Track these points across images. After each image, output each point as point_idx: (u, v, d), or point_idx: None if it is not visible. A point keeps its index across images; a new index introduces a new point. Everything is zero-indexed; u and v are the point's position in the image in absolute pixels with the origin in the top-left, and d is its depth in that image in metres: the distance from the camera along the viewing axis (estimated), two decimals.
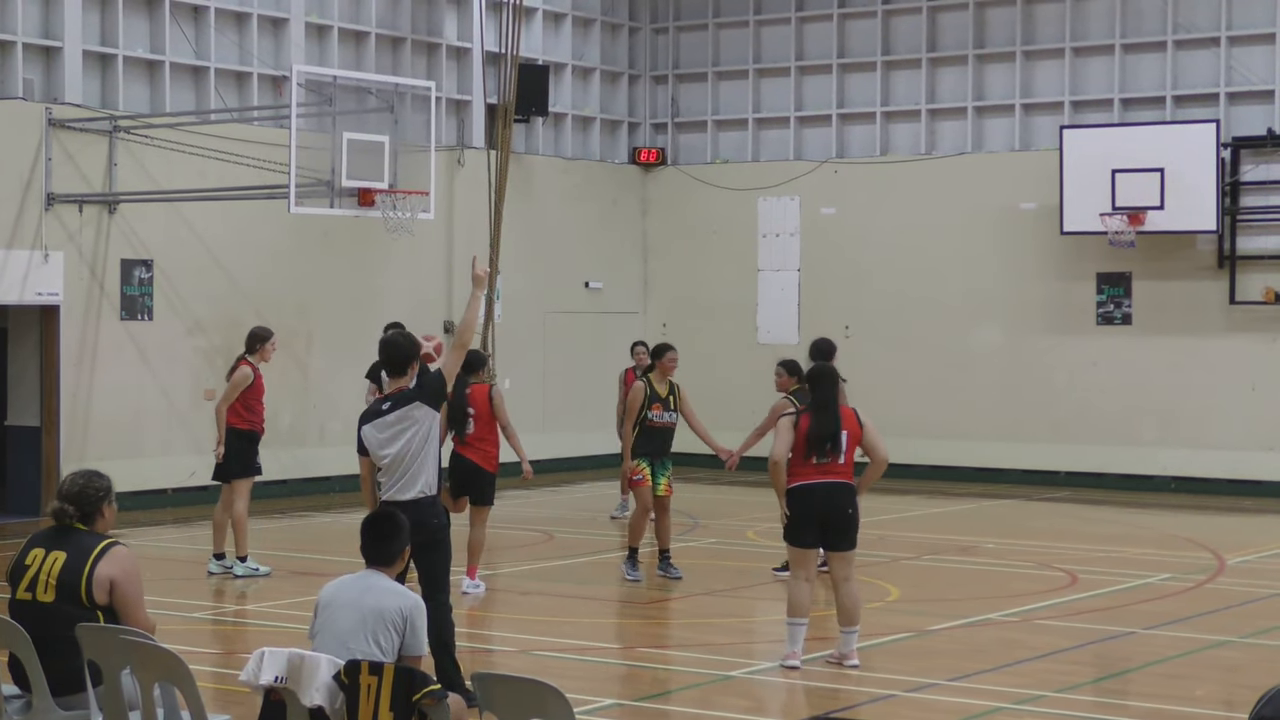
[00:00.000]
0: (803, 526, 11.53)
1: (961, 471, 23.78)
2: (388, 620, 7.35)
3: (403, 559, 7.76)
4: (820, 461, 11.42)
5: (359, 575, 7.68)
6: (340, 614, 7.38)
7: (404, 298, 22.43)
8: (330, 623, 7.39)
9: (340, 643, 7.25)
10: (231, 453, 15.29)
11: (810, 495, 11.46)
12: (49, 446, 19.39)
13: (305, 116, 19.18)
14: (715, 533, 18.56)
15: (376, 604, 7.39)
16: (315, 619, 7.50)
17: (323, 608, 7.48)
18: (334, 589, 7.57)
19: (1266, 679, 10.80)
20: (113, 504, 7.96)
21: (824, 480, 11.47)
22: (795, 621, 11.54)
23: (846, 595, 11.58)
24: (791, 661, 11.49)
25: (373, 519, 7.82)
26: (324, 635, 7.37)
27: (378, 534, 7.71)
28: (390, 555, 7.66)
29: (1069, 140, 22.70)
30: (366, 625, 7.33)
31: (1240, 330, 22.43)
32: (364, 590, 7.48)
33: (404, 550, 7.74)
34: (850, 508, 11.54)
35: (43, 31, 19.78)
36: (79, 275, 19.51)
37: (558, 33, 25.74)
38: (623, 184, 26.40)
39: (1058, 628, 13.25)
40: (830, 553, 11.68)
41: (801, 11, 25.74)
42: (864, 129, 25.35)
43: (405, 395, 10.16)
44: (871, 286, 24.61)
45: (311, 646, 7.30)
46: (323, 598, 7.53)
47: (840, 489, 11.51)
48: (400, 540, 7.71)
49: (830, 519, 11.49)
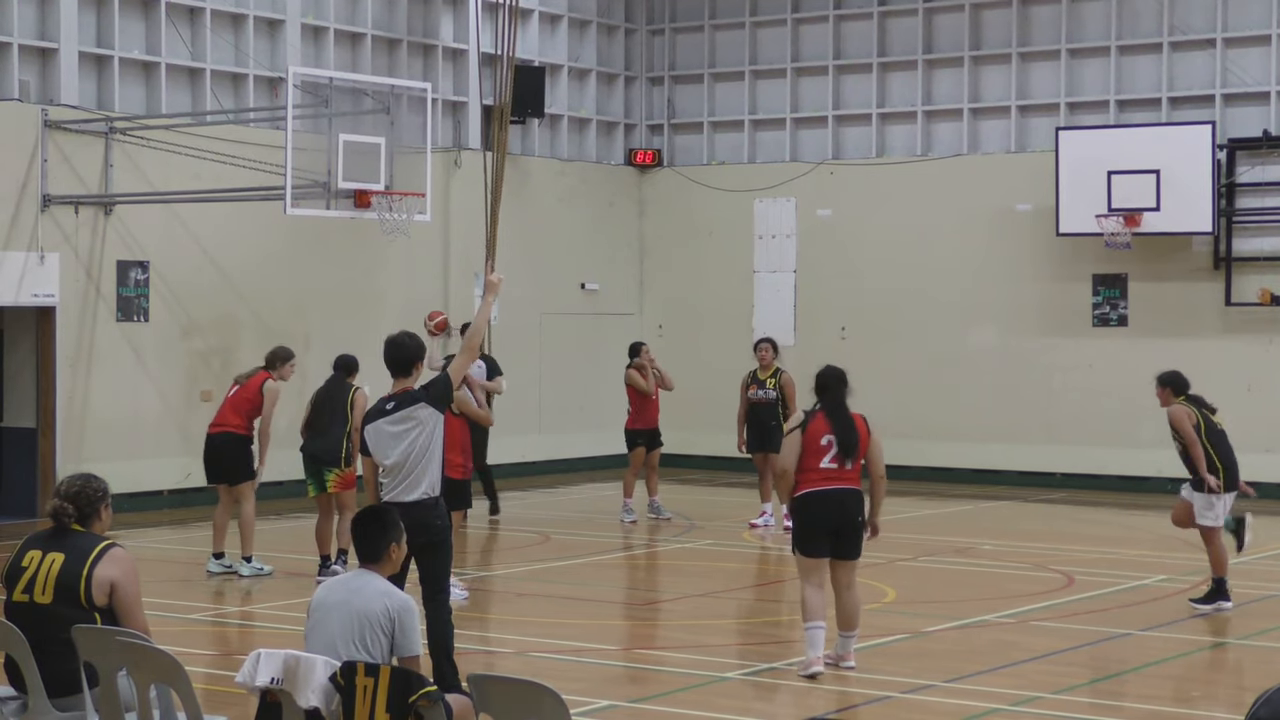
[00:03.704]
0: (814, 535, 11.29)
1: (957, 473, 23.78)
2: (374, 623, 7.30)
3: (393, 556, 7.67)
4: (825, 466, 11.21)
5: (350, 575, 7.66)
6: (329, 617, 7.35)
7: (400, 299, 22.43)
8: (320, 626, 7.36)
9: (329, 647, 7.22)
10: (237, 457, 15.39)
11: (822, 503, 11.22)
12: (45, 448, 19.38)
13: (301, 118, 19.17)
14: (711, 534, 18.56)
15: (364, 607, 7.34)
16: (308, 621, 7.49)
17: (313, 610, 7.45)
18: (325, 591, 7.55)
19: (1263, 680, 10.81)
20: (109, 507, 7.97)
21: (835, 487, 11.23)
22: (813, 625, 11.25)
23: (849, 601, 11.43)
24: (814, 668, 11.17)
25: (360, 516, 7.78)
26: (314, 639, 7.35)
27: (363, 531, 7.66)
28: (376, 552, 7.59)
29: (1065, 142, 22.71)
30: (353, 630, 7.29)
31: (1236, 332, 22.44)
32: (353, 592, 7.44)
33: (391, 547, 7.63)
34: (860, 515, 11.33)
35: (38, 33, 19.77)
36: (75, 277, 19.50)
37: (554, 34, 25.75)
38: (619, 185, 26.40)
39: (1054, 629, 13.25)
40: (834, 560, 11.41)
41: (797, 13, 25.75)
42: (860, 130, 25.35)
43: (410, 396, 10.16)
44: (867, 288, 24.61)
45: (305, 649, 7.29)
46: (314, 600, 7.51)
47: (851, 496, 11.29)
48: (387, 536, 7.61)
49: (842, 527, 11.26)
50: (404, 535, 7.77)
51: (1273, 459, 22.18)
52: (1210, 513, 14.08)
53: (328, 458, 14.94)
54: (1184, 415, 14.10)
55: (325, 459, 14.95)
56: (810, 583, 11.32)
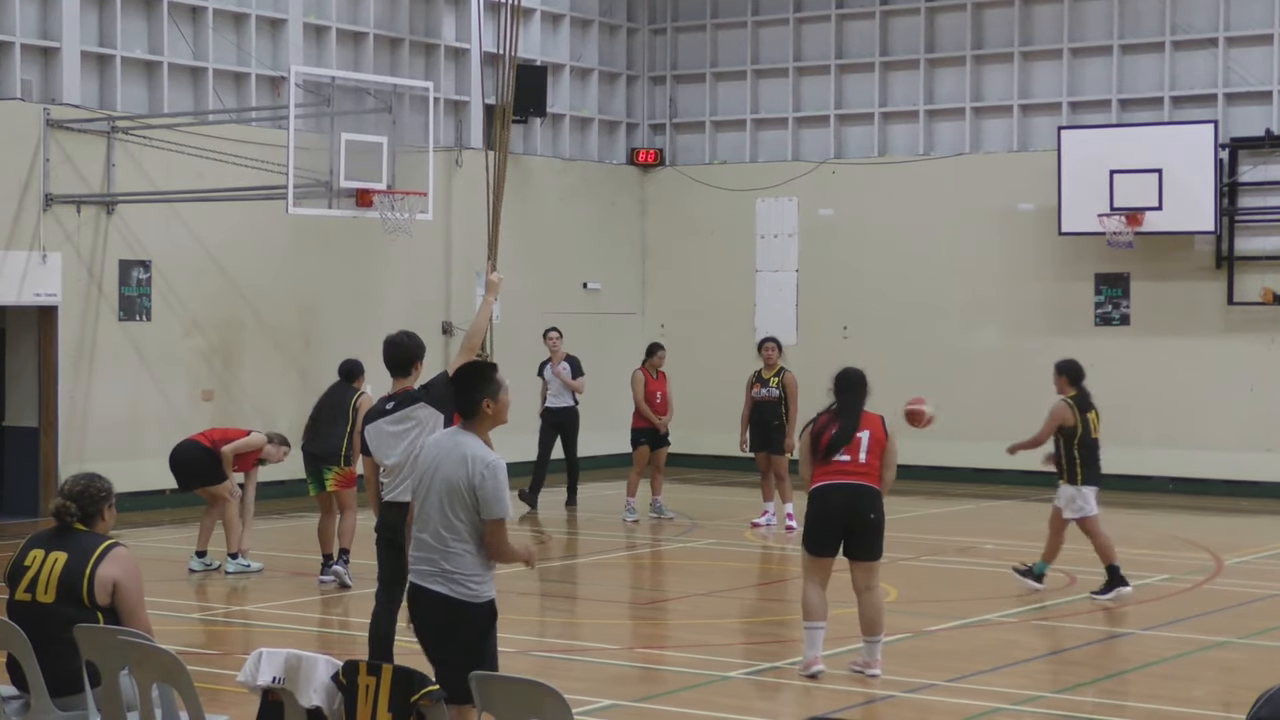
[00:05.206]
0: (819, 531, 11.10)
1: (959, 472, 23.77)
2: (457, 493, 7.73)
3: (488, 412, 7.88)
4: (838, 460, 11.04)
5: (447, 434, 8.07)
6: (429, 488, 7.79)
7: (402, 298, 22.44)
8: (424, 491, 7.83)
9: (432, 515, 7.75)
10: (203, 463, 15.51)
11: (828, 497, 11.06)
12: (47, 447, 19.39)
13: (303, 117, 19.18)
14: (713, 533, 18.56)
15: (449, 474, 7.75)
16: (417, 482, 7.92)
17: (420, 473, 7.90)
18: (425, 453, 7.98)
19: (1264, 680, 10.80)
20: (113, 507, 7.98)
21: (843, 481, 11.04)
22: (811, 625, 11.12)
23: (869, 605, 11.16)
24: (814, 668, 11.07)
25: (458, 371, 8.11)
26: (420, 505, 7.86)
27: (458, 387, 8.00)
28: (469, 407, 7.88)
29: (1067, 141, 22.70)
30: (444, 497, 7.74)
31: (1238, 331, 22.44)
32: (444, 453, 7.83)
33: (485, 402, 7.87)
34: (872, 512, 11.06)
35: (41, 32, 19.78)
36: (77, 276, 19.51)
37: (556, 33, 25.75)
38: (621, 185, 26.39)
39: (1056, 628, 13.26)
40: (852, 562, 11.22)
41: (799, 12, 25.75)
42: (862, 130, 25.35)
43: (409, 395, 10.17)
44: (869, 287, 24.60)
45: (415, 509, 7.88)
46: (421, 460, 7.97)
47: (861, 491, 11.04)
48: (479, 391, 7.87)
49: (852, 524, 11.03)
50: (500, 390, 7.97)
51: (1274, 458, 22.19)
52: (1073, 506, 14.50)
53: (328, 457, 14.96)
54: (1062, 415, 14.65)
55: (325, 458, 14.97)
56: (812, 582, 11.16)
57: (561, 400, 20.77)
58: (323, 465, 15.01)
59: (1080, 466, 14.52)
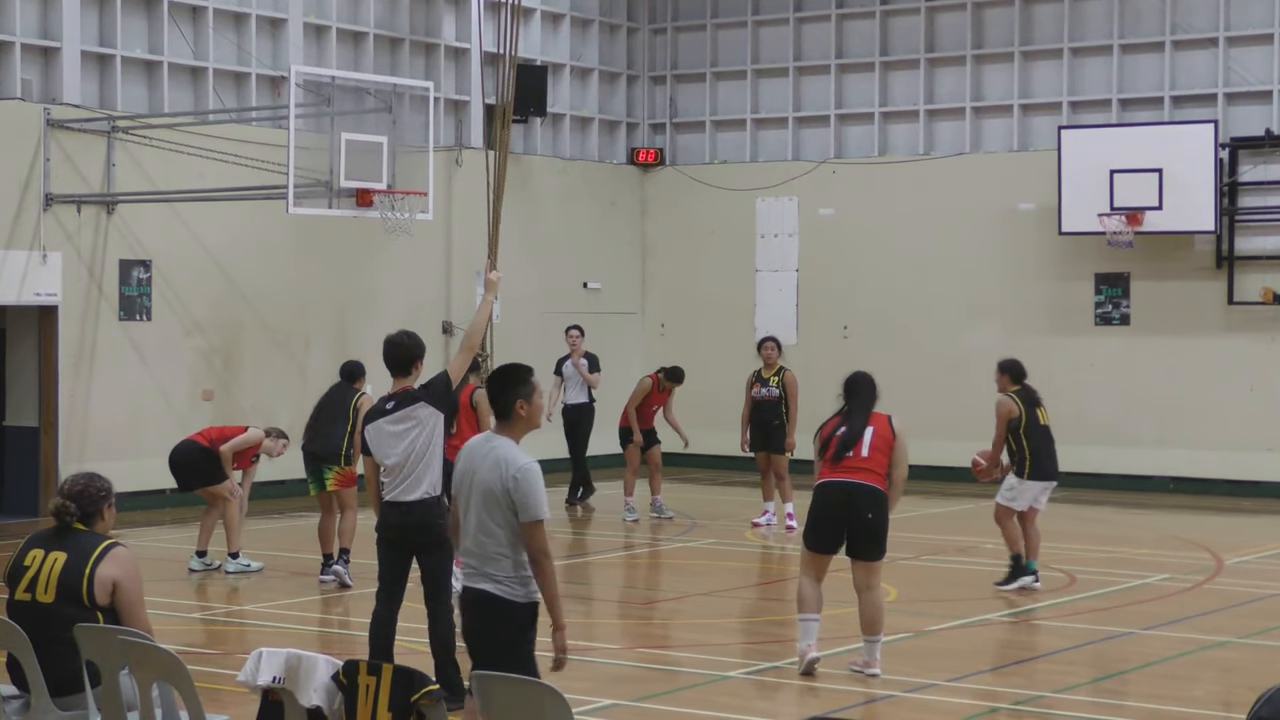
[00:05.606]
0: (818, 526, 11.16)
1: (959, 472, 23.65)
2: (494, 498, 7.72)
3: (522, 414, 7.88)
4: (840, 459, 11.09)
5: (482, 439, 8.06)
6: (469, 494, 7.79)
7: (402, 298, 22.44)
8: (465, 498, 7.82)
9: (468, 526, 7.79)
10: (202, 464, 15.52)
11: (827, 493, 11.11)
12: (47, 447, 19.39)
13: (303, 117, 19.18)
14: (713, 533, 18.56)
15: (485, 479, 7.76)
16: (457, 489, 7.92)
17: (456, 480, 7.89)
18: (461, 459, 7.94)
19: (1265, 679, 10.80)
20: (112, 507, 7.97)
21: (844, 479, 11.08)
22: (805, 617, 11.17)
23: (868, 604, 11.19)
24: (809, 655, 11.07)
25: (492, 374, 8.13)
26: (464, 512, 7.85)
27: (491, 390, 8.02)
28: (504, 410, 7.89)
29: (1067, 141, 22.70)
30: (481, 502, 7.75)
31: (1238, 331, 22.43)
32: (480, 459, 7.83)
33: (518, 403, 7.87)
34: (870, 513, 11.08)
35: (41, 32, 19.78)
36: (77, 276, 19.51)
37: (556, 33, 25.75)
38: (621, 184, 26.39)
39: (1056, 628, 13.26)
40: (853, 561, 11.26)
41: (800, 12, 25.75)
42: (862, 129, 25.35)
43: (410, 395, 10.17)
44: (869, 287, 24.61)
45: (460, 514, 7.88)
46: (456, 468, 7.93)
47: (860, 490, 11.08)
48: (512, 393, 7.88)
49: (850, 522, 11.07)
50: (534, 392, 7.98)
51: (1274, 458, 22.19)
52: (1009, 494, 14.73)
53: (328, 457, 14.96)
54: (1007, 409, 14.78)
55: (326, 458, 14.98)
56: (807, 576, 11.27)
57: (579, 397, 20.84)
58: (323, 465, 15.01)
59: (1029, 458, 14.57)
